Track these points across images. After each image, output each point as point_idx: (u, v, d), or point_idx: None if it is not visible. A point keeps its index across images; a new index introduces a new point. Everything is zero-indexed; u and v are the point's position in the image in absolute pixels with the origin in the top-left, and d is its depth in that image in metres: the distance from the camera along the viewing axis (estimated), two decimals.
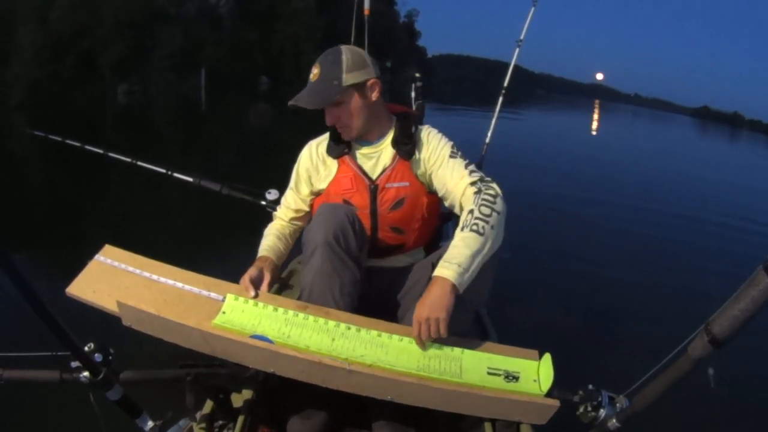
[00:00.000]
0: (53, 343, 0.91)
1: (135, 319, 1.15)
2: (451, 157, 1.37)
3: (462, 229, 1.20)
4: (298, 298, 1.32)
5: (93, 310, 1.23)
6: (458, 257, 1.15)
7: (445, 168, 1.36)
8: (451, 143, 1.41)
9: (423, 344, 1.14)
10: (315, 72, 1.33)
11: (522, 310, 2.94)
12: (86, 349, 1.04)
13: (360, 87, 1.34)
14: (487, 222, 1.20)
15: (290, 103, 1.33)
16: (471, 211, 1.23)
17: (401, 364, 1.11)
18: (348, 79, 1.31)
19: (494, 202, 1.24)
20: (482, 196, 1.25)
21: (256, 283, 1.29)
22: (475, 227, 1.19)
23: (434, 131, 1.44)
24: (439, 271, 1.15)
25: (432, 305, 1.12)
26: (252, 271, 1.31)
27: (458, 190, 1.32)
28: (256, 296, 1.24)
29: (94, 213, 4.55)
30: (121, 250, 1.38)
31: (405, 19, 60.00)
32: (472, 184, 1.30)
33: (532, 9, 2.76)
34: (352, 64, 1.32)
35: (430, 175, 1.40)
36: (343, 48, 1.36)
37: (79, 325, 1.01)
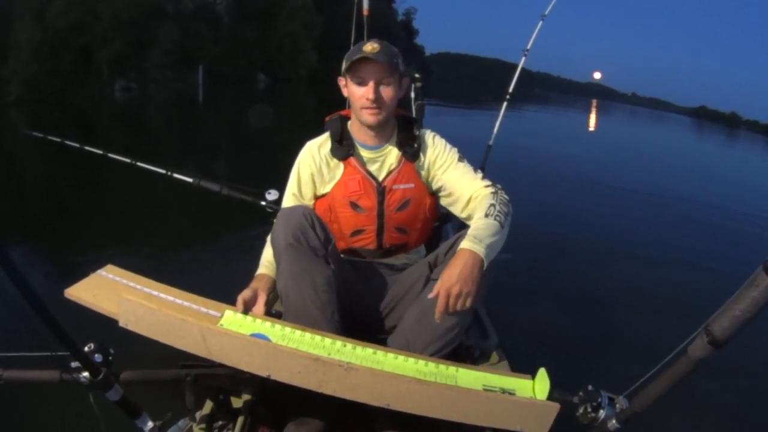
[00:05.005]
0: (53, 343, 0.91)
1: (133, 317, 1.14)
2: (459, 161, 1.42)
3: (486, 216, 1.24)
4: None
5: (93, 311, 1.23)
6: (485, 238, 1.18)
7: (454, 170, 1.41)
8: (456, 148, 1.45)
9: (442, 316, 1.16)
10: (375, 46, 1.31)
11: (522, 311, 2.95)
12: (86, 349, 1.04)
13: (401, 79, 1.37)
14: (506, 217, 1.26)
15: (357, 56, 1.29)
16: (493, 205, 1.27)
17: None
18: (401, 65, 1.35)
19: (509, 205, 1.31)
20: (500, 196, 1.32)
21: (250, 307, 1.28)
22: (498, 218, 1.24)
23: (438, 136, 1.47)
24: (468, 245, 1.16)
25: (462, 277, 1.13)
26: (246, 293, 1.29)
27: (469, 191, 1.37)
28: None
29: (94, 213, 4.52)
30: (123, 270, 1.39)
31: (403, 17, 59.84)
32: (486, 186, 1.36)
33: (540, 23, 2.84)
34: (401, 55, 1.36)
35: (434, 177, 1.43)
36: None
37: (79, 326, 1.00)
